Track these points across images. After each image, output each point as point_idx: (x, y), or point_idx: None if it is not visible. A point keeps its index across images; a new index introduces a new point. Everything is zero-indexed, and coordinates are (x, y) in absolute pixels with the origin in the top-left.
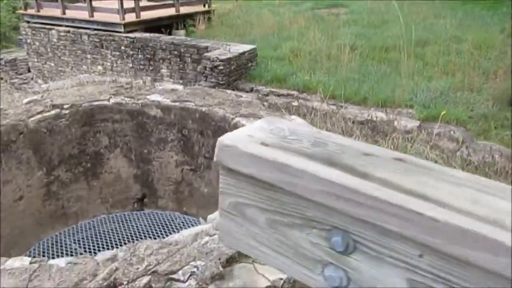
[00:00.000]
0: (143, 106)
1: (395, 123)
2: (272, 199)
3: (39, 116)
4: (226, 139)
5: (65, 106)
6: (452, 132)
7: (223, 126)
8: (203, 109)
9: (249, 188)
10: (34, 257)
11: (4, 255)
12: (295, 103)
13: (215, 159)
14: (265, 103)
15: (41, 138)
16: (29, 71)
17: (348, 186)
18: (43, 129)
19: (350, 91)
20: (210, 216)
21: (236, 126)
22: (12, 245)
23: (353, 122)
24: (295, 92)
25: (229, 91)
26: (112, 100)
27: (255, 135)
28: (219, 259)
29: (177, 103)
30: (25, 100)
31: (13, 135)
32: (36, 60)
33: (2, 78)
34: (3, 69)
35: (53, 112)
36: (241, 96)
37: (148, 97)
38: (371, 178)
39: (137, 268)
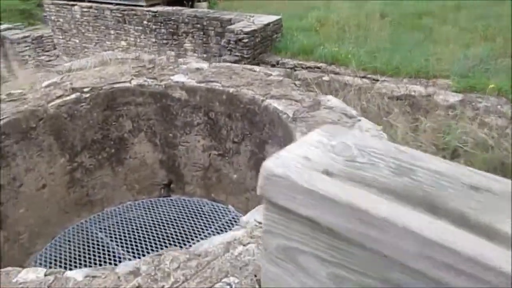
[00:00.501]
0: (166, 88)
1: (435, 97)
2: (338, 249)
3: (58, 100)
4: (274, 165)
5: (85, 90)
6: (499, 106)
7: (253, 109)
8: (231, 90)
9: (305, 231)
10: (60, 246)
11: (29, 245)
12: (326, 78)
13: (258, 191)
14: (296, 82)
15: (62, 123)
16: (55, 48)
17: (467, 254)
18: (64, 114)
19: (381, 62)
20: (242, 219)
21: (266, 109)
22: (37, 235)
23: (389, 98)
24: (322, 65)
25: (257, 69)
26: (134, 82)
27: (313, 158)
28: (255, 275)
29: (202, 84)
30: (44, 83)
31: (32, 122)
32: (61, 36)
33: (29, 56)
34: (30, 46)
35: (73, 96)
36: (271, 75)
37: (171, 77)
38: (498, 237)
39: (163, 286)
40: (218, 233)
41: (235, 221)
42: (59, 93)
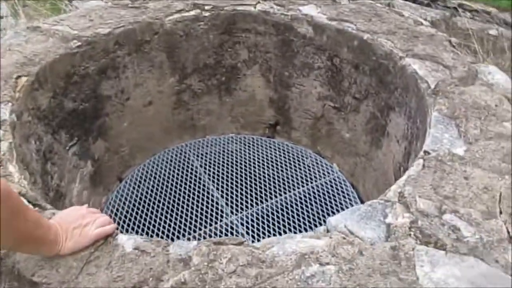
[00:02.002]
0: (292, 20)
1: None
2: None
3: (177, 15)
4: None
5: (206, 8)
6: None
7: (386, 65)
8: (365, 36)
9: None
10: (157, 164)
11: (129, 158)
12: (493, 31)
13: None
14: (452, 40)
15: (176, 41)
16: None
17: None
18: (180, 31)
19: None
20: (330, 220)
21: (403, 70)
22: (139, 149)
23: None
24: (493, 10)
25: (407, 14)
26: (258, 7)
27: None
28: None
29: (333, 23)
30: None
31: (147, 35)
32: None
33: None
34: None
35: (192, 12)
36: (421, 24)
37: (301, 8)
38: None
39: None
40: (315, 192)
41: (336, 184)
42: (180, 6)
